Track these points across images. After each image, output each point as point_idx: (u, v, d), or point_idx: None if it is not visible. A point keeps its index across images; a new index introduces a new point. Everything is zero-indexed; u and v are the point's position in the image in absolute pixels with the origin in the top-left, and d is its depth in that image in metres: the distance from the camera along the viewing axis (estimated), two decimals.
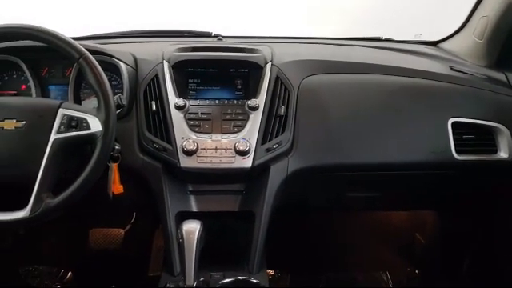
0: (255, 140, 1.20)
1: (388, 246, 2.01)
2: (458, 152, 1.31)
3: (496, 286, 1.63)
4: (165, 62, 1.29)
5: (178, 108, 1.22)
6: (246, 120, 1.23)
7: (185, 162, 1.18)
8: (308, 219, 1.95)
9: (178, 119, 1.21)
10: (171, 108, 1.22)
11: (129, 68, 1.26)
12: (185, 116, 1.23)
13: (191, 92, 1.30)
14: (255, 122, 1.22)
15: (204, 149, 1.19)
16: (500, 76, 1.49)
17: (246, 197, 1.28)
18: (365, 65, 1.40)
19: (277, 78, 1.27)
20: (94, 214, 1.92)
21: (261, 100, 1.24)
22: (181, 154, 1.18)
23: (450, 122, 1.32)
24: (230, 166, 1.19)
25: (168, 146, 1.19)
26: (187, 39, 1.63)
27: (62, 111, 1.01)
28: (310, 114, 1.28)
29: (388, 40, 1.77)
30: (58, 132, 0.99)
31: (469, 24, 1.64)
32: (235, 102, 1.28)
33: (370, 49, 1.62)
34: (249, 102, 1.24)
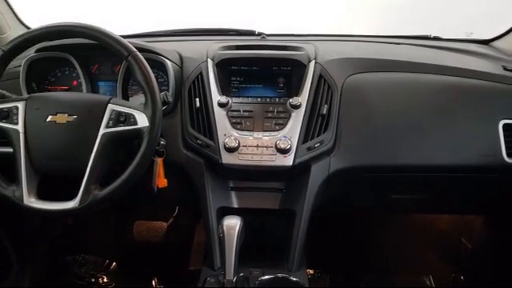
0: (296, 138, 1.20)
1: (432, 249, 1.95)
2: (508, 155, 1.25)
3: None
4: (209, 60, 1.31)
5: (221, 105, 1.24)
6: (288, 118, 1.23)
7: (226, 158, 1.19)
8: (350, 219, 1.92)
9: (220, 116, 1.23)
10: (214, 105, 1.24)
11: (175, 66, 1.29)
12: (227, 113, 1.24)
13: (234, 90, 1.31)
14: (297, 120, 1.22)
15: (245, 146, 1.20)
16: None
17: (287, 195, 1.29)
18: (412, 63, 1.36)
19: (320, 76, 1.26)
20: (138, 206, 1.98)
21: (303, 98, 1.23)
22: (223, 150, 1.19)
23: (502, 123, 1.26)
24: (271, 163, 1.19)
25: (210, 143, 1.21)
26: (231, 37, 1.65)
27: (110, 107, 1.05)
28: (353, 113, 1.26)
29: (437, 38, 1.71)
30: (107, 127, 1.03)
31: None
32: (277, 99, 1.28)
33: (418, 47, 1.57)
34: (291, 100, 1.23)
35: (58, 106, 1.06)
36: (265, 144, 1.20)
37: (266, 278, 1.16)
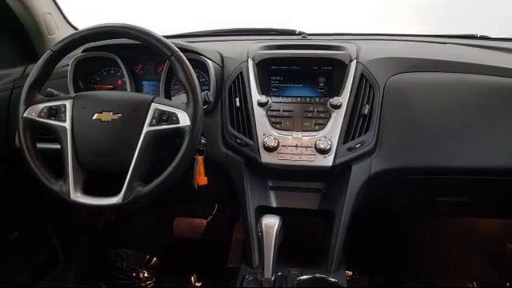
0: (337, 139, 1.18)
1: (476, 254, 1.88)
2: None
3: None
4: (249, 59, 1.31)
5: (261, 105, 1.24)
6: (328, 118, 1.22)
7: (266, 157, 1.20)
8: (391, 221, 1.88)
9: (260, 116, 1.24)
10: (254, 105, 1.25)
11: (216, 66, 1.31)
12: (267, 113, 1.24)
13: (273, 89, 1.31)
14: (337, 120, 1.20)
15: (285, 146, 1.20)
16: None
17: (326, 196, 1.28)
18: (457, 63, 1.31)
19: (361, 76, 1.24)
20: (179, 203, 2.02)
21: (344, 98, 1.22)
22: (262, 149, 1.20)
23: None
24: (310, 163, 1.18)
25: (250, 142, 1.22)
26: (272, 37, 1.65)
27: (154, 106, 1.07)
28: (396, 113, 1.24)
29: (484, 37, 1.64)
30: (150, 125, 1.05)
31: None
32: (317, 99, 1.27)
33: (464, 47, 1.51)
34: (331, 100, 1.22)
35: (104, 105, 1.09)
36: (304, 144, 1.20)
37: (305, 277, 1.16)
